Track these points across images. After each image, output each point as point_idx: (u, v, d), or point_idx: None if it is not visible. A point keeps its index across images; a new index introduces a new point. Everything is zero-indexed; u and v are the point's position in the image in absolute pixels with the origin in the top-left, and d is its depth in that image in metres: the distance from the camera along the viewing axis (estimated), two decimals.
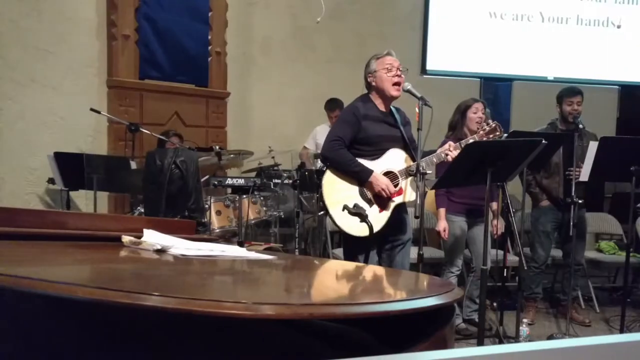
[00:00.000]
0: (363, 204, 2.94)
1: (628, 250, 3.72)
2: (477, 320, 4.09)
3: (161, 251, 1.46)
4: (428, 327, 1.35)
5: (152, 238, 1.59)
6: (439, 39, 6.48)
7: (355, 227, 2.89)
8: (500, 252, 4.72)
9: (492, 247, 4.07)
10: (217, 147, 3.79)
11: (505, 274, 3.66)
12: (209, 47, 5.45)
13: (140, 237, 1.58)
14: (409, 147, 3.08)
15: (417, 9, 6.49)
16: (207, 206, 3.90)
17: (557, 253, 4.81)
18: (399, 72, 3.07)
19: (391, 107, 3.17)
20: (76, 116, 4.36)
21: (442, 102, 5.96)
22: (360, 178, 2.93)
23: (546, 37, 6.67)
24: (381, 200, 2.95)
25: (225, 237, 4.13)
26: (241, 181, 2.89)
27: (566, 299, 4.39)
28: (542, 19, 6.61)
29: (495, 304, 4.59)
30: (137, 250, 1.54)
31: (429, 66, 6.48)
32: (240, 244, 3.10)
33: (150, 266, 1.46)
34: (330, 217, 2.94)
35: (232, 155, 3.98)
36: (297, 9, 6.18)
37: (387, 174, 2.97)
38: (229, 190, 2.97)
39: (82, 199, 4.34)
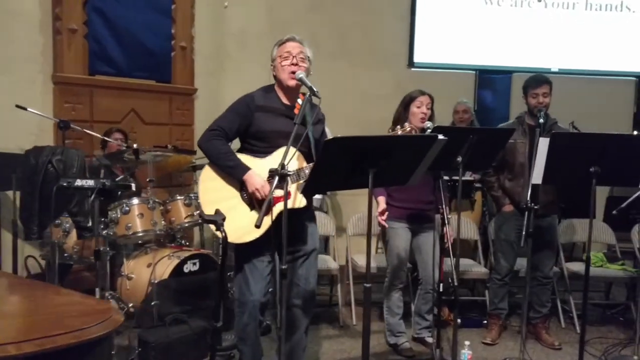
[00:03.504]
0: (243, 207, 2.61)
1: (588, 262, 3.20)
2: (427, 339, 3.69)
3: None
4: None
5: None
6: (428, 29, 6.01)
7: (230, 232, 2.56)
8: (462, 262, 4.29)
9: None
10: (135, 145, 3.53)
11: (440, 289, 3.19)
12: (172, 42, 5.23)
13: None
14: (312, 147, 2.72)
15: None
16: (127, 209, 3.67)
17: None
18: (295, 61, 2.70)
19: (312, 97, 2.78)
20: (17, 113, 4.19)
21: None
22: (234, 175, 2.61)
23: (550, 24, 6.07)
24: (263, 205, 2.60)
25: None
26: (90, 182, 2.62)
27: (536, 316, 3.92)
28: (544, 5, 6.02)
29: (459, 320, 4.13)
30: None
31: (417, 58, 6.02)
32: (97, 254, 2.82)
33: None
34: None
35: (157, 153, 3.71)
36: (273, 2, 5.89)
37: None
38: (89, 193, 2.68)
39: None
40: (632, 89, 6.29)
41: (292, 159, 2.60)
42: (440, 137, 2.30)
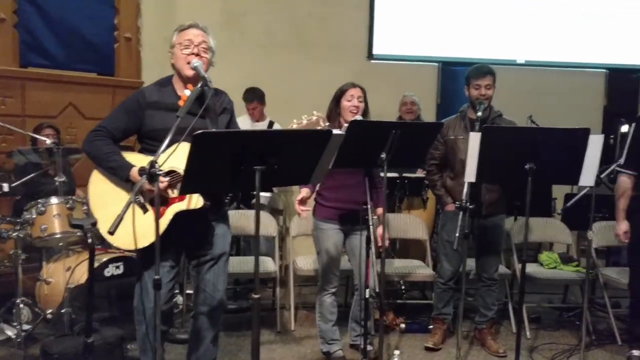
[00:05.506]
0: (135, 210, 2.39)
1: (523, 266, 2.99)
2: (363, 346, 3.47)
3: None
4: None
5: None
6: (388, 19, 5.77)
7: (119, 239, 2.35)
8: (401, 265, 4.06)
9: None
10: (51, 141, 3.31)
11: (367, 295, 2.96)
12: (116, 33, 4.99)
13: None
14: None
15: None
16: (42, 209, 3.44)
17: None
18: (197, 50, 2.48)
19: (204, 89, 2.52)
20: None
21: (391, 91, 5.37)
22: (118, 176, 2.40)
23: (516, 14, 5.83)
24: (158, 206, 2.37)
25: None
26: None
27: (482, 320, 3.72)
28: None
29: (403, 326, 3.94)
30: None
31: (377, 50, 5.78)
32: None
33: None
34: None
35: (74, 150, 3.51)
36: None
37: (170, 173, 2.39)
38: None
39: None
40: (602, 81, 6.05)
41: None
42: (336, 131, 2.08)
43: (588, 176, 2.88)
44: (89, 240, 2.03)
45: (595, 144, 2.82)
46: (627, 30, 5.91)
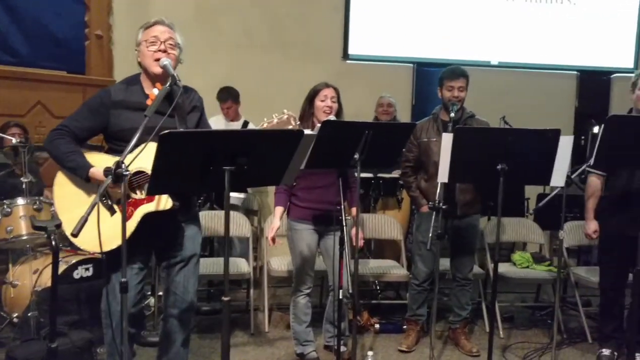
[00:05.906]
0: (102, 212, 2.32)
1: (496, 265, 3.00)
2: (336, 347, 3.45)
3: None
4: None
5: None
6: (363, 20, 5.77)
7: (86, 241, 2.29)
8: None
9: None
10: (17, 140, 3.23)
11: (340, 296, 2.94)
12: (86, 30, 4.90)
13: None
14: None
15: None
16: (8, 210, 3.36)
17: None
18: (164, 47, 2.42)
19: (173, 87, 2.45)
20: None
21: (367, 91, 5.38)
22: (78, 176, 2.34)
23: (489, 16, 5.89)
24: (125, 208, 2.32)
25: None
26: None
27: (456, 320, 3.73)
28: None
29: (377, 326, 3.93)
30: None
31: (352, 50, 5.78)
32: None
33: None
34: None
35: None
36: None
37: (138, 174, 2.34)
38: None
39: None
40: (573, 83, 6.14)
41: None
42: (307, 132, 2.05)
43: (559, 177, 2.91)
44: (53, 243, 1.97)
45: (565, 145, 2.85)
46: (598, 33, 6.01)
